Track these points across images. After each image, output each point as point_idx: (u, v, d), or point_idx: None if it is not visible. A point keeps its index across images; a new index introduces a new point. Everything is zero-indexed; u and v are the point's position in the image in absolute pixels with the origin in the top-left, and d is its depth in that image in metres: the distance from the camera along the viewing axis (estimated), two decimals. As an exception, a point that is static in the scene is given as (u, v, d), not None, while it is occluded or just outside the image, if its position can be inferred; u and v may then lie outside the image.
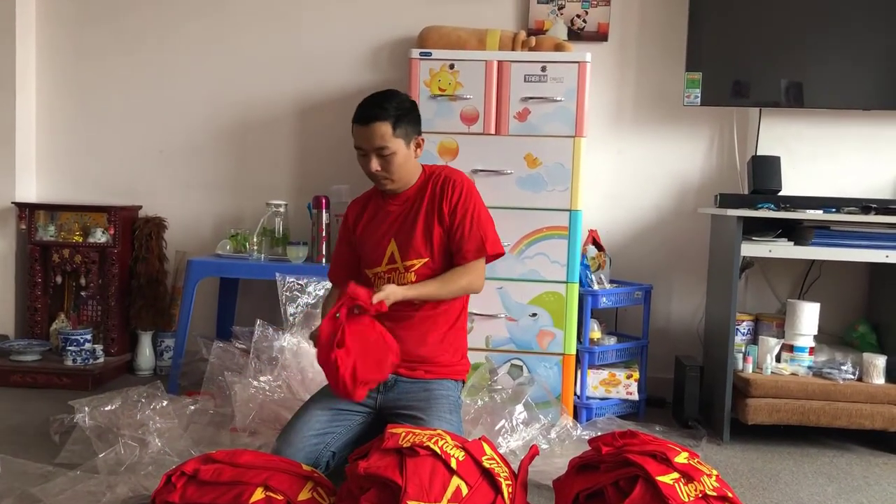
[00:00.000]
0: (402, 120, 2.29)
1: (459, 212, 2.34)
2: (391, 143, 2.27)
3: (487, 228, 2.38)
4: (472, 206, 2.37)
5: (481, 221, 2.37)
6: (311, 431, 2.23)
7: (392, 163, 2.30)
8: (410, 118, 2.34)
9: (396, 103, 2.30)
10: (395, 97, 2.34)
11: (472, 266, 2.34)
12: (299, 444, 2.20)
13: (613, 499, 1.78)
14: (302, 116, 3.67)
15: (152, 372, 3.64)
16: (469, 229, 2.34)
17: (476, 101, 3.00)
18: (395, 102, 2.30)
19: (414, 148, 2.36)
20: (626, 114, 3.51)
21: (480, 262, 2.37)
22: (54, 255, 3.57)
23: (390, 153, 2.28)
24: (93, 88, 3.77)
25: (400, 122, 2.29)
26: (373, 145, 2.28)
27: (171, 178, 3.75)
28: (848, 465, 2.73)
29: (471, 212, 2.36)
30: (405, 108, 2.33)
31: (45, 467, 2.28)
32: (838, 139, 3.39)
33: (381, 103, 2.29)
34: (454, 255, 2.36)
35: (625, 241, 3.53)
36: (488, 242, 2.36)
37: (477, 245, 2.34)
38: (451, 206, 2.35)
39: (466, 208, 2.35)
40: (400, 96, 2.37)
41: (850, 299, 3.37)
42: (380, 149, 2.27)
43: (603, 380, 3.13)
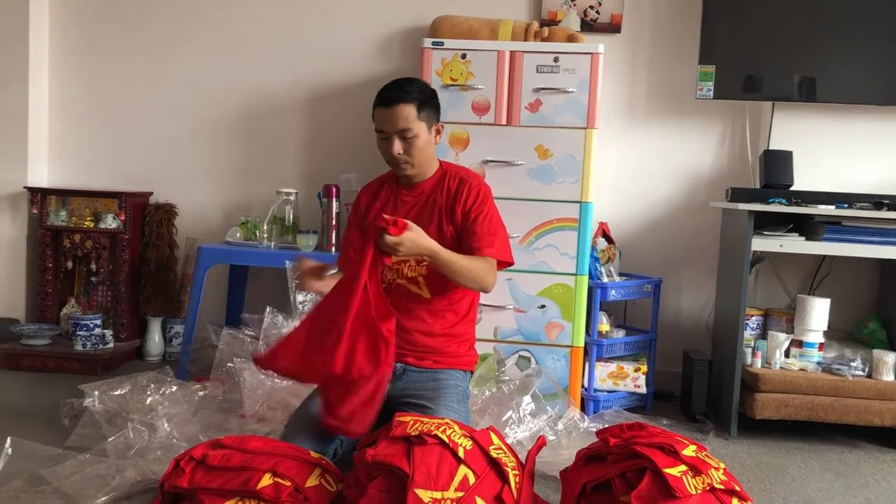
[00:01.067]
0: (425, 104, 2.32)
1: (473, 213, 2.35)
2: (415, 125, 2.29)
3: (500, 233, 2.39)
4: (487, 210, 2.37)
5: (495, 226, 2.38)
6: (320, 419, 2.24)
7: (414, 146, 2.31)
8: (432, 104, 2.37)
9: (419, 87, 2.35)
10: (417, 82, 2.38)
11: (486, 259, 2.32)
12: (307, 432, 2.21)
13: (621, 490, 1.78)
14: (313, 105, 3.67)
15: (161, 358, 3.65)
16: (483, 228, 2.34)
17: (488, 91, 2.99)
18: (417, 86, 2.34)
19: (434, 134, 2.38)
20: (638, 106, 3.50)
21: (492, 261, 2.35)
22: (65, 240, 3.58)
23: (413, 136, 2.29)
24: (104, 76, 3.78)
25: (423, 105, 2.31)
26: (396, 127, 2.28)
27: (182, 166, 3.76)
28: (856, 462, 2.73)
29: (485, 214, 2.36)
30: (427, 92, 2.37)
31: (54, 450, 2.29)
32: (851, 134, 3.37)
33: (404, 87, 2.32)
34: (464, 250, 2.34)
35: (635, 233, 3.52)
36: (500, 244, 2.36)
37: (489, 243, 2.33)
38: (466, 208, 2.35)
39: (481, 210, 2.36)
40: (421, 82, 2.42)
41: (860, 295, 3.36)
42: (403, 131, 2.29)
43: (611, 372, 3.13)
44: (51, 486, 2.05)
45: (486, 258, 2.31)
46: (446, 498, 1.79)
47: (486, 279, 2.30)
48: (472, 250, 2.32)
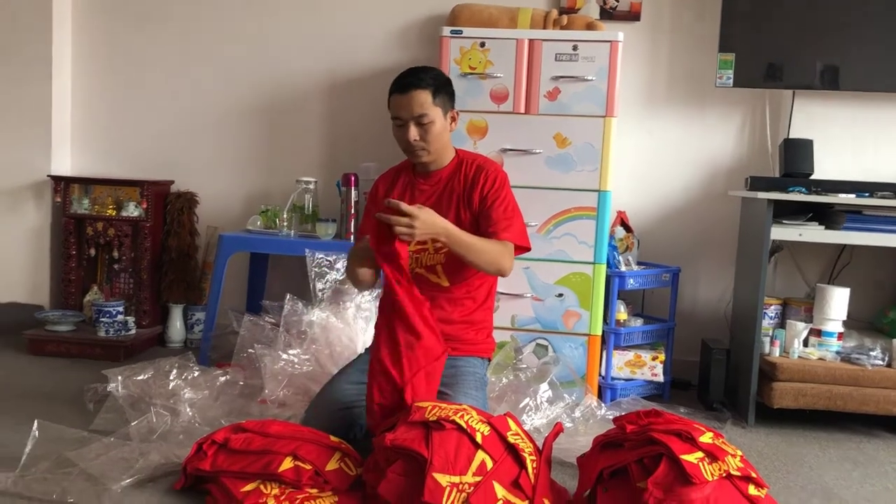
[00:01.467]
0: (440, 90, 2.34)
1: (490, 198, 2.36)
2: (430, 111, 2.31)
3: (517, 219, 2.39)
4: (504, 196, 2.39)
5: (512, 212, 2.38)
6: (340, 404, 2.27)
7: (430, 132, 2.32)
8: (447, 90, 2.39)
9: (434, 74, 2.37)
10: (432, 69, 2.41)
11: (503, 243, 2.33)
12: (327, 417, 2.24)
13: (637, 476, 1.80)
14: (331, 94, 3.69)
15: (183, 344, 3.70)
16: (501, 213, 2.35)
17: (506, 79, 2.99)
18: (432, 73, 2.37)
19: (450, 121, 2.40)
20: (657, 94, 3.49)
21: (510, 245, 2.35)
22: (88, 227, 3.63)
23: (429, 121, 2.31)
24: (126, 67, 3.81)
25: (438, 91, 2.33)
26: (412, 113, 2.30)
27: (203, 154, 3.79)
28: (874, 451, 2.72)
29: (502, 199, 2.37)
30: (442, 79, 2.39)
31: (80, 433, 2.34)
32: (873, 123, 3.34)
33: (419, 73, 2.34)
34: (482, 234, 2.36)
35: (653, 222, 3.51)
36: (516, 228, 2.37)
37: (505, 227, 2.34)
38: (483, 193, 2.37)
39: (498, 195, 2.37)
40: (436, 69, 2.45)
41: (880, 285, 3.34)
42: (419, 117, 2.30)
43: (628, 361, 3.14)
44: (77, 468, 2.09)
45: (502, 241, 2.31)
46: (464, 482, 1.82)
47: (503, 262, 2.30)
48: (489, 234, 2.32)
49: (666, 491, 1.73)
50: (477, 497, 1.80)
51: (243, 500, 1.88)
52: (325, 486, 1.96)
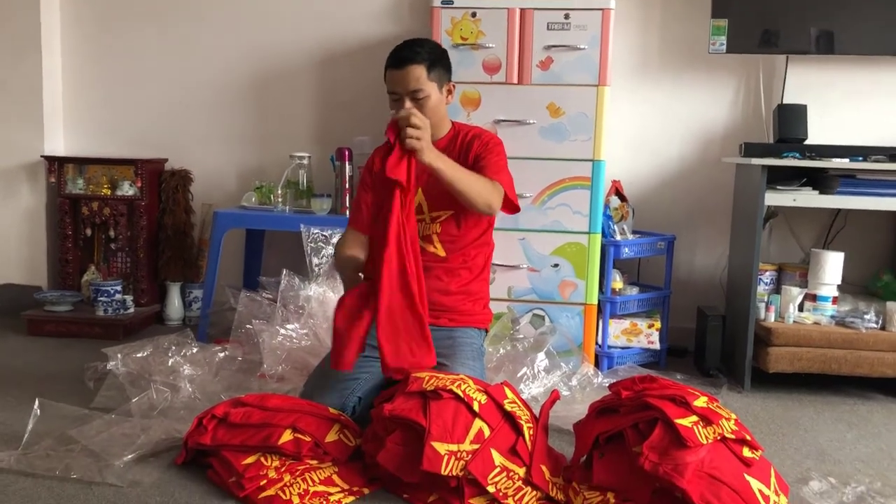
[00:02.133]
0: (435, 64, 2.33)
1: (483, 155, 2.38)
2: (426, 85, 2.30)
3: (506, 178, 2.40)
4: (497, 154, 2.40)
5: (502, 166, 2.39)
6: (338, 377, 2.28)
7: (425, 106, 2.32)
8: (443, 63, 2.38)
9: (430, 47, 2.35)
10: (427, 42, 2.39)
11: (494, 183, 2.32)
12: (326, 390, 2.25)
13: (633, 441, 1.82)
14: (323, 68, 3.67)
15: (181, 322, 3.71)
16: (492, 164, 2.36)
17: (498, 50, 2.98)
18: (428, 47, 2.35)
19: (446, 94, 2.40)
20: (650, 62, 3.47)
21: (500, 187, 2.34)
22: (83, 207, 3.63)
23: (424, 96, 2.31)
24: (116, 44, 3.78)
25: (434, 65, 2.32)
26: (407, 88, 2.30)
27: (196, 131, 3.78)
28: (868, 413, 2.75)
29: (495, 155, 2.39)
30: (438, 52, 2.38)
31: (81, 410, 2.36)
32: (867, 86, 3.33)
33: (415, 47, 2.32)
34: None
35: (648, 191, 3.52)
36: (507, 180, 2.38)
37: (497, 172, 2.34)
38: (477, 154, 2.38)
39: (491, 152, 2.39)
40: (432, 42, 2.43)
41: (875, 249, 3.35)
42: (414, 91, 2.30)
43: (624, 329, 3.15)
44: (79, 445, 2.11)
45: (493, 182, 2.32)
46: (462, 450, 1.84)
47: (493, 197, 2.29)
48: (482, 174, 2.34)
49: (661, 454, 1.75)
50: (475, 464, 1.82)
51: (244, 472, 1.90)
52: (324, 457, 1.98)
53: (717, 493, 1.71)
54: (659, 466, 1.73)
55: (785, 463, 2.24)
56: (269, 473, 1.90)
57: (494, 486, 1.82)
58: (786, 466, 2.21)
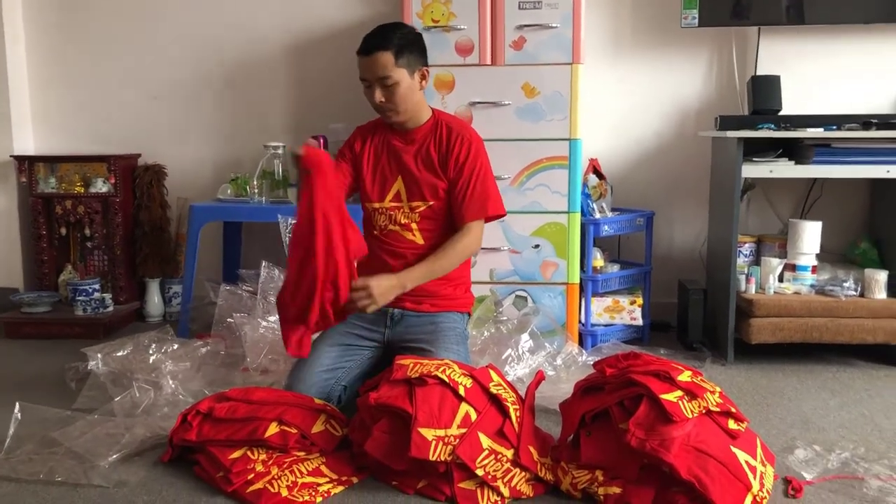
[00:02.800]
0: (404, 50, 2.29)
1: (466, 170, 2.35)
2: (394, 72, 2.27)
3: (490, 189, 2.40)
4: (479, 166, 2.38)
5: (486, 182, 2.39)
6: (322, 367, 2.27)
7: (395, 93, 2.29)
8: (414, 48, 2.33)
9: (401, 34, 2.31)
10: (399, 28, 2.34)
11: (469, 229, 2.36)
12: (311, 381, 2.24)
13: (619, 418, 1.82)
14: (295, 56, 3.63)
15: (162, 318, 3.68)
16: (472, 189, 2.35)
17: (470, 31, 2.95)
18: (399, 33, 2.30)
19: (419, 79, 2.36)
20: (623, 38, 3.46)
21: (479, 223, 2.38)
22: (57, 206, 3.58)
23: (393, 83, 2.28)
24: (83, 38, 3.72)
25: (403, 51, 2.28)
26: (375, 75, 2.27)
27: (168, 125, 3.73)
28: (850, 379, 2.78)
29: (477, 171, 2.37)
30: (409, 38, 2.32)
31: (63, 412, 2.33)
32: (839, 56, 3.35)
33: (384, 33, 2.29)
34: (454, 214, 2.37)
35: (626, 168, 3.52)
36: (490, 202, 2.38)
37: (479, 206, 2.36)
38: (458, 163, 2.36)
39: (473, 167, 2.36)
40: (405, 27, 2.38)
41: (851, 216, 3.38)
42: (382, 79, 2.27)
43: (607, 307, 3.16)
44: (63, 447, 2.08)
45: (467, 227, 2.35)
46: (449, 435, 1.84)
47: (469, 251, 2.39)
48: (460, 217, 2.35)
49: (647, 430, 1.75)
50: (463, 448, 1.82)
51: (231, 467, 1.89)
52: (312, 448, 1.98)
53: (705, 466, 1.72)
54: (646, 442, 1.74)
55: (770, 433, 2.26)
56: (257, 467, 1.89)
57: (483, 469, 1.82)
58: (771, 436, 2.22)
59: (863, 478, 1.94)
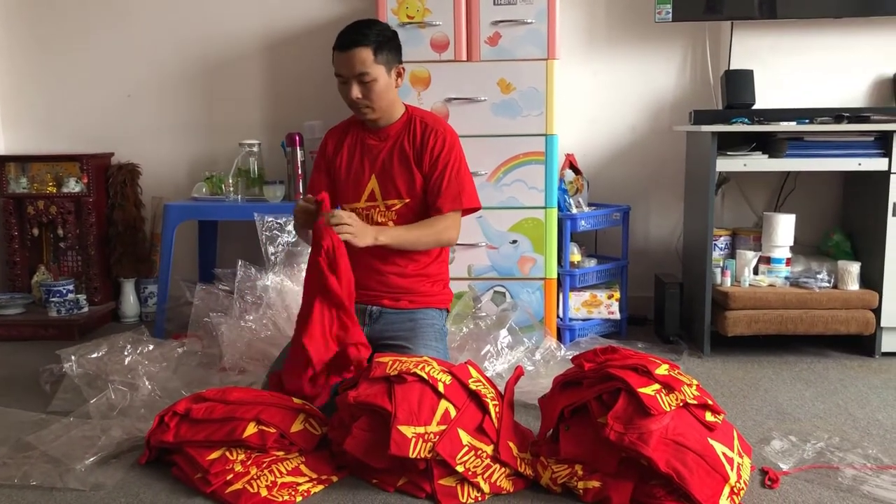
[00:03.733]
0: (383, 47, 2.28)
1: (441, 163, 2.35)
2: (372, 69, 2.26)
3: (466, 182, 2.40)
4: (454, 159, 2.38)
5: (461, 175, 2.39)
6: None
7: (373, 90, 2.28)
8: (391, 46, 2.33)
9: (378, 30, 2.30)
10: (376, 24, 2.34)
11: (446, 216, 2.35)
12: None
13: (597, 412, 1.83)
14: (269, 53, 3.60)
15: (138, 318, 3.64)
16: (447, 182, 2.35)
17: (446, 27, 2.95)
18: (376, 29, 2.30)
19: (395, 77, 2.35)
20: (598, 33, 3.47)
21: (455, 214, 2.38)
22: (28, 207, 3.53)
23: (371, 79, 2.27)
24: (53, 35, 3.66)
25: (381, 48, 2.27)
26: (353, 71, 2.26)
27: (142, 123, 3.68)
28: (825, 370, 2.81)
29: (452, 164, 2.36)
30: (386, 35, 2.32)
31: (38, 415, 2.30)
32: (811, 50, 3.38)
33: (362, 29, 2.28)
34: (430, 206, 2.37)
35: (602, 163, 3.53)
36: (465, 195, 2.38)
37: (453, 197, 2.36)
38: (433, 156, 2.35)
39: (448, 160, 2.36)
40: (381, 24, 2.37)
41: (824, 209, 3.42)
42: (361, 75, 2.26)
43: (585, 301, 3.18)
44: (38, 451, 2.06)
45: (445, 215, 2.35)
46: (429, 432, 1.84)
47: (445, 237, 2.36)
48: (435, 206, 2.35)
49: (626, 424, 1.76)
50: (443, 445, 1.82)
51: (210, 468, 1.87)
52: (291, 447, 1.97)
53: (683, 458, 1.73)
54: (624, 436, 1.75)
55: (747, 424, 2.28)
56: (236, 467, 1.88)
57: (463, 465, 1.82)
58: (748, 427, 2.25)
59: (838, 467, 1.97)
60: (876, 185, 2.95)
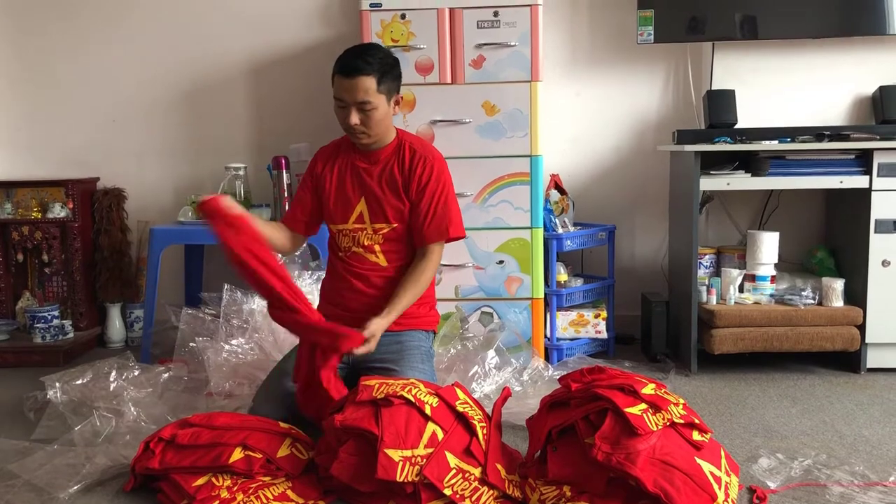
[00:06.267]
0: (386, 76, 2.28)
1: (427, 193, 2.36)
2: (374, 98, 2.26)
3: (452, 212, 2.42)
4: (441, 188, 2.39)
5: (448, 205, 2.40)
6: (287, 390, 2.25)
7: (372, 118, 2.28)
8: (393, 75, 2.33)
9: (381, 57, 2.29)
10: (380, 51, 2.33)
11: (429, 252, 2.39)
12: (276, 403, 2.22)
13: (585, 433, 1.83)
14: (255, 76, 3.61)
15: (124, 343, 3.62)
16: (433, 213, 2.37)
17: (430, 50, 2.97)
18: (379, 56, 2.29)
19: (393, 105, 2.36)
20: (581, 55, 3.50)
21: (440, 245, 2.40)
22: (13, 232, 3.51)
23: (372, 108, 2.27)
24: (38, 61, 3.66)
25: (384, 77, 2.28)
26: (355, 99, 2.25)
27: (127, 147, 3.68)
28: (811, 387, 2.82)
29: (438, 194, 2.38)
30: (389, 63, 2.32)
31: (21, 443, 2.27)
32: (791, 69, 3.42)
33: (366, 56, 2.26)
34: (414, 235, 2.38)
35: (587, 183, 3.55)
36: (451, 226, 2.40)
37: (439, 230, 2.38)
38: (420, 185, 2.37)
39: (434, 189, 2.37)
40: (384, 51, 2.36)
41: (808, 226, 3.44)
42: (362, 103, 2.26)
43: (572, 321, 3.18)
44: (21, 480, 2.03)
45: (429, 251, 2.38)
46: (416, 455, 1.83)
47: (429, 276, 2.41)
48: (420, 239, 2.38)
49: (613, 444, 1.76)
50: (430, 468, 1.81)
51: (195, 494, 1.86)
52: (277, 472, 1.95)
53: (671, 478, 1.73)
54: (612, 456, 1.75)
55: (734, 442, 2.28)
56: (222, 493, 1.86)
57: (451, 488, 1.81)
58: (735, 445, 2.25)
59: (825, 484, 1.97)
60: (858, 202, 2.98)
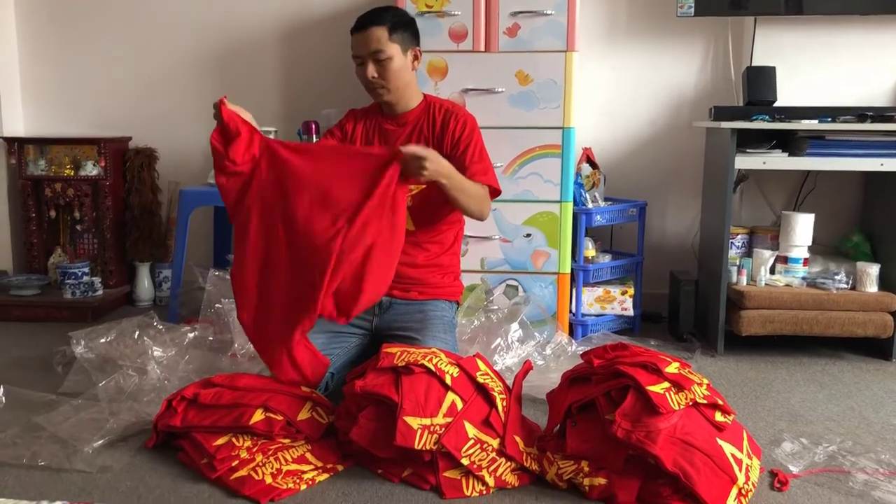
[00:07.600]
0: (398, 26, 2.33)
1: (462, 143, 2.37)
2: (387, 46, 2.30)
3: (488, 164, 2.41)
4: (475, 141, 2.39)
5: (483, 156, 2.40)
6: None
7: (388, 69, 2.31)
8: (407, 27, 2.37)
9: (394, 12, 2.36)
10: (392, 8, 2.41)
11: (482, 186, 2.33)
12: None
13: (605, 409, 1.81)
14: (288, 40, 3.59)
15: (152, 302, 3.66)
16: (472, 157, 2.35)
17: (464, 17, 2.93)
18: (392, 11, 2.36)
19: (411, 59, 2.39)
20: (618, 26, 3.43)
21: (487, 189, 2.36)
22: (46, 189, 3.55)
23: (386, 57, 2.30)
24: (74, 19, 3.68)
25: (396, 28, 2.32)
26: (368, 49, 2.30)
27: (159, 108, 3.70)
28: (839, 373, 2.78)
29: (474, 144, 2.38)
30: (403, 18, 2.38)
31: (48, 396, 2.31)
32: (835, 47, 3.32)
33: (378, 12, 2.33)
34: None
35: (619, 157, 3.50)
36: (490, 174, 2.38)
37: (482, 171, 2.35)
38: (455, 138, 2.37)
39: (470, 140, 2.38)
40: (398, 8, 2.45)
41: (844, 209, 3.37)
42: (375, 52, 2.29)
43: (598, 297, 3.15)
44: (46, 432, 2.07)
45: (482, 187, 2.32)
46: (435, 424, 1.83)
47: (485, 206, 2.34)
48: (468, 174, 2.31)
49: (633, 422, 1.75)
50: (448, 437, 1.81)
51: (215, 454, 1.88)
52: (297, 435, 1.97)
53: (690, 458, 1.71)
54: (631, 434, 1.73)
55: (758, 425, 2.25)
56: (241, 454, 1.88)
57: (468, 458, 1.81)
58: (759, 428, 2.22)
59: (849, 471, 1.94)
60: (898, 186, 2.90)
